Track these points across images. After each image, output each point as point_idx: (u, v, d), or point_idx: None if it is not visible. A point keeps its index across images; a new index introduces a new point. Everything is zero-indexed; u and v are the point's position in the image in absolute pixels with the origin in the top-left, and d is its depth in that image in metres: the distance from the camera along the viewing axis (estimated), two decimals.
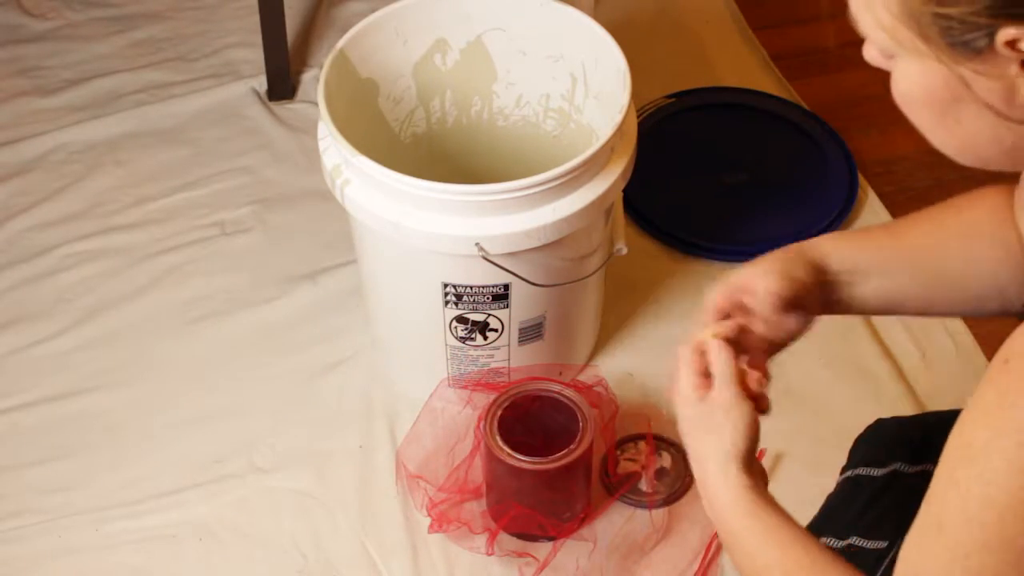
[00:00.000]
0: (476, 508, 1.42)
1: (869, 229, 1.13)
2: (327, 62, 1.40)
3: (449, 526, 1.38)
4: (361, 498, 1.46)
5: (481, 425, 1.36)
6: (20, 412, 1.56)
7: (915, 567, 0.78)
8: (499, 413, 1.36)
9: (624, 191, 1.41)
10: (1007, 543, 0.73)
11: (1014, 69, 0.75)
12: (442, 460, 1.43)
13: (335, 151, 1.36)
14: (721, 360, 0.96)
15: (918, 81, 0.79)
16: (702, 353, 0.97)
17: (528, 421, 1.37)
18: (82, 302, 1.68)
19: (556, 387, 1.38)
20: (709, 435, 0.94)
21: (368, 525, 1.44)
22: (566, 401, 1.37)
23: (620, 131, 1.34)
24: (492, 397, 1.38)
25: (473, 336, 1.44)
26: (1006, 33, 0.73)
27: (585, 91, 1.51)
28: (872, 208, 1.75)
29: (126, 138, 1.89)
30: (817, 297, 1.03)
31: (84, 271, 1.71)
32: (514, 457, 1.32)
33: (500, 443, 1.33)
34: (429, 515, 1.39)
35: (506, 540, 1.40)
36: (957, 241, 1.04)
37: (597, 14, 1.65)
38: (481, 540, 1.38)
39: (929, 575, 0.77)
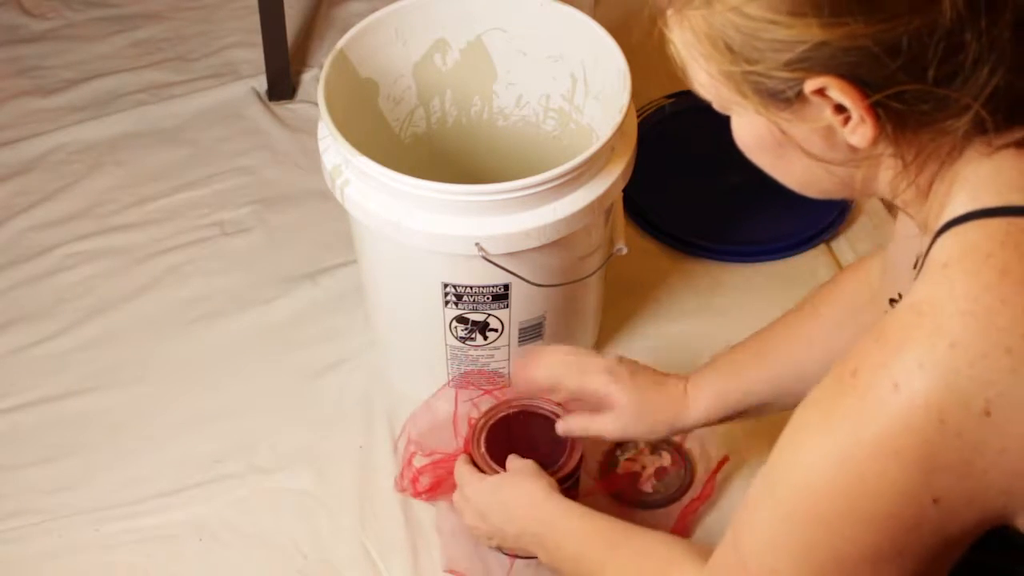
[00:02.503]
0: None
1: (748, 366, 1.26)
2: (327, 62, 1.40)
3: (424, 494, 1.40)
4: (361, 498, 1.46)
5: (469, 442, 1.35)
6: (20, 412, 1.56)
7: (749, 515, 0.91)
8: (487, 430, 1.34)
9: (624, 191, 1.41)
10: (818, 517, 0.84)
11: (828, 113, 0.82)
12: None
13: (335, 151, 1.36)
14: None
15: (748, 131, 0.89)
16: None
17: (516, 436, 1.35)
18: (82, 302, 1.68)
19: (543, 403, 1.36)
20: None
21: (368, 525, 1.44)
22: (552, 417, 1.35)
23: (620, 131, 1.34)
24: (480, 412, 1.38)
25: (473, 336, 1.44)
26: (813, 83, 0.80)
27: (585, 91, 1.51)
28: (872, 207, 1.75)
29: (126, 138, 1.89)
30: None
31: (84, 271, 1.71)
32: (495, 472, 1.31)
33: (488, 460, 1.32)
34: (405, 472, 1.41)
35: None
36: (822, 351, 1.20)
37: (597, 14, 1.65)
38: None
39: (755, 528, 0.90)
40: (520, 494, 1.23)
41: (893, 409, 0.79)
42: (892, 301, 1.09)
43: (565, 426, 1.31)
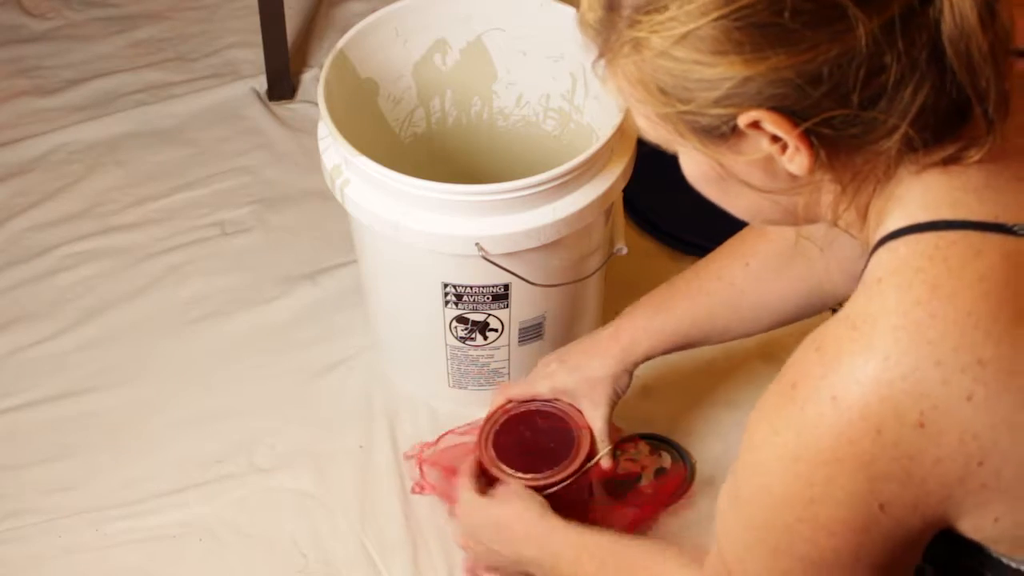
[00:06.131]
0: None
1: (674, 307, 1.31)
2: (327, 62, 1.40)
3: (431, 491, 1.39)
4: (361, 498, 1.46)
5: (478, 445, 1.34)
6: (20, 412, 1.56)
7: (722, 524, 0.94)
8: (495, 431, 1.34)
9: (624, 191, 1.41)
10: (780, 523, 0.87)
11: (766, 144, 0.84)
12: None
13: (335, 151, 1.36)
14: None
15: (693, 168, 0.91)
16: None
17: (526, 436, 1.35)
18: (82, 302, 1.68)
19: (553, 402, 1.35)
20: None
21: (368, 525, 1.44)
22: (560, 414, 1.34)
23: (620, 131, 1.34)
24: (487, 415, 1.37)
25: (473, 336, 1.44)
26: (746, 117, 0.82)
27: (585, 91, 1.51)
28: None
29: (126, 138, 1.89)
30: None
31: (84, 271, 1.71)
32: (506, 473, 1.30)
33: (496, 460, 1.31)
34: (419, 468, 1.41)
35: None
36: (753, 296, 1.26)
37: None
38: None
39: (730, 534, 0.93)
40: (510, 513, 1.24)
41: (832, 420, 0.82)
42: (833, 310, 1.11)
43: (597, 436, 1.34)
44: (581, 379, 1.33)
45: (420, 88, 1.54)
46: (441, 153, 1.60)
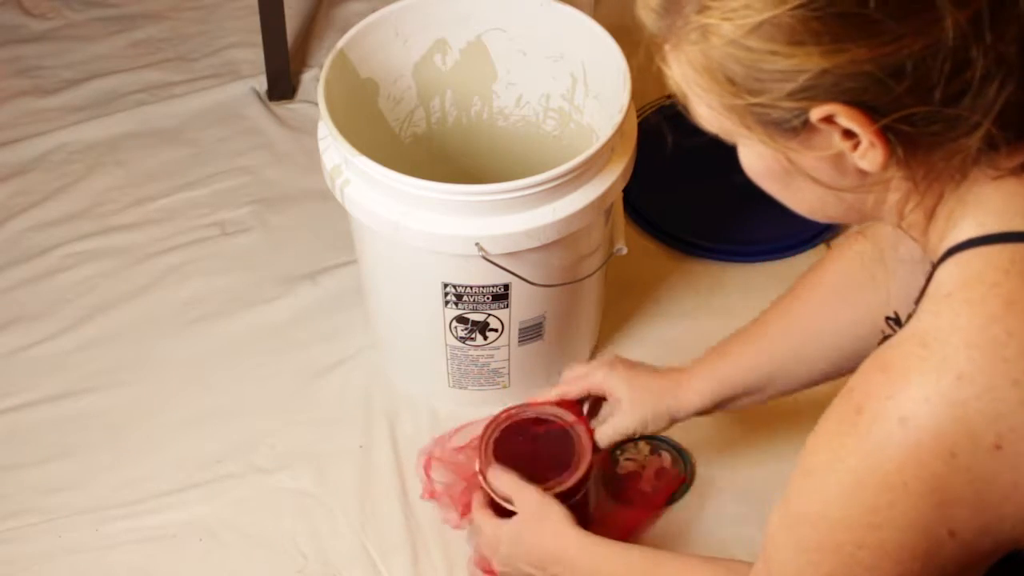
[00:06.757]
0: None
1: (740, 347, 1.26)
2: (327, 62, 1.40)
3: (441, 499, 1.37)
4: (361, 498, 1.46)
5: (479, 457, 1.31)
6: (20, 412, 1.56)
7: (772, 547, 0.91)
8: (494, 439, 1.31)
9: (624, 191, 1.41)
10: (837, 548, 0.84)
11: (837, 139, 0.80)
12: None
13: (335, 151, 1.36)
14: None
15: (756, 161, 0.88)
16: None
17: (524, 446, 1.32)
18: (82, 302, 1.68)
19: (554, 410, 1.33)
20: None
21: (368, 525, 1.44)
22: (563, 425, 1.32)
23: (620, 131, 1.34)
24: (487, 422, 1.34)
25: (473, 336, 1.44)
26: (820, 111, 0.79)
27: (585, 91, 1.51)
28: None
29: (126, 138, 1.89)
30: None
31: (84, 271, 1.71)
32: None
33: (493, 488, 1.27)
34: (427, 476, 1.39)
35: None
36: (812, 331, 1.22)
37: (597, 14, 1.65)
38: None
39: (781, 559, 0.89)
40: (541, 539, 1.20)
41: (900, 442, 0.78)
42: (889, 320, 1.08)
43: (598, 438, 1.29)
44: (628, 390, 1.27)
45: (420, 88, 1.54)
46: (441, 153, 1.60)
